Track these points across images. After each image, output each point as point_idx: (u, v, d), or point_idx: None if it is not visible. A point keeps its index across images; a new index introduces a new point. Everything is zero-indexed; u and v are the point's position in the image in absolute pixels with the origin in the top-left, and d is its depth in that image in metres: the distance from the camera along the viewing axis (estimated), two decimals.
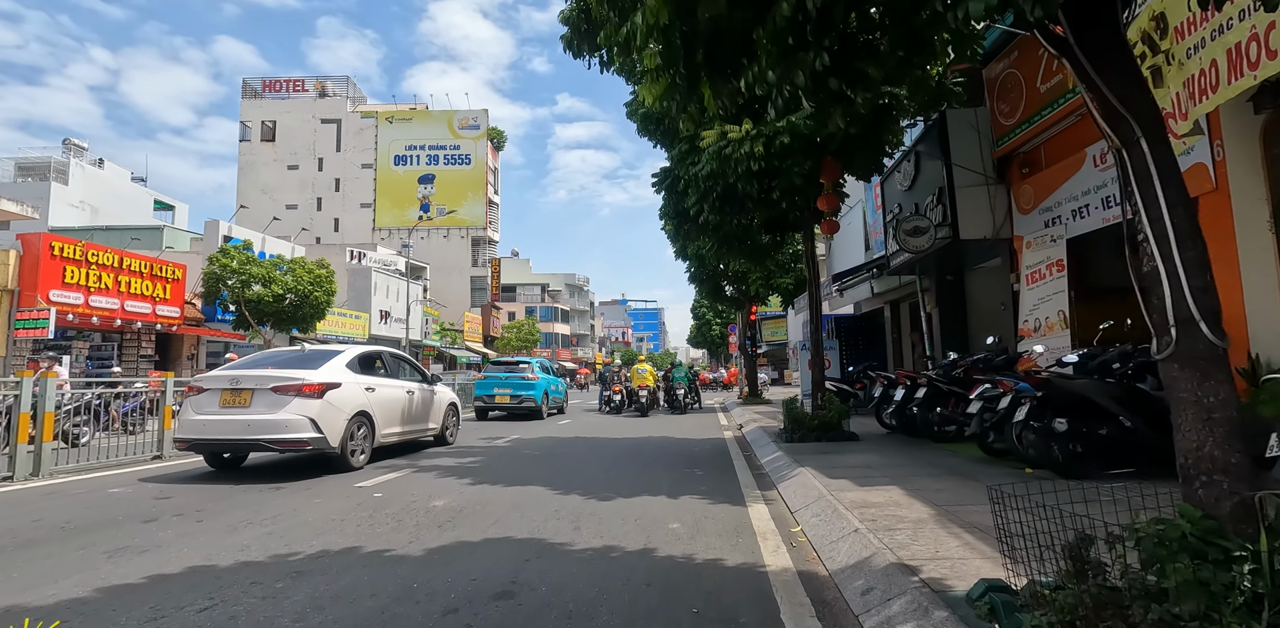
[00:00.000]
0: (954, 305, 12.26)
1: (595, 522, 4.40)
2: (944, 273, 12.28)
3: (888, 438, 8.53)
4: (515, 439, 10.54)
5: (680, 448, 9.11)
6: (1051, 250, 8.25)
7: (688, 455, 8.21)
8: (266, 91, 53.01)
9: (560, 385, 17.31)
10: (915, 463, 6.07)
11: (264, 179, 50.83)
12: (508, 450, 8.94)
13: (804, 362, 16.26)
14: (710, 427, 13.02)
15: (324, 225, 50.42)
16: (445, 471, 6.91)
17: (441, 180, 51.09)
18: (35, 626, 2.08)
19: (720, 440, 10.18)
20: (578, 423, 14.15)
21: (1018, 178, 9.07)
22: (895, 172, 11.57)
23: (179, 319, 21.38)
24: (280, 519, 4.54)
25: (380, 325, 33.69)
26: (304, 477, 6.65)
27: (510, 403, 14.84)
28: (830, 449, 7.37)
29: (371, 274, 33.21)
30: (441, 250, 50.15)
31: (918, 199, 10.50)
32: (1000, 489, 2.45)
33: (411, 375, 9.97)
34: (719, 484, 5.94)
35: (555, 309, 75.94)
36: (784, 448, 7.69)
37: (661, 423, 14.03)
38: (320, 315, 23.64)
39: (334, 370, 8.07)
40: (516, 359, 16.35)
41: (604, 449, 8.96)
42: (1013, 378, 5.76)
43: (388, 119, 51.82)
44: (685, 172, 7.49)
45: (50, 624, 2.06)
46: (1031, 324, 8.50)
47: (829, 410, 8.44)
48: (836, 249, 20.27)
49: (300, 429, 7.26)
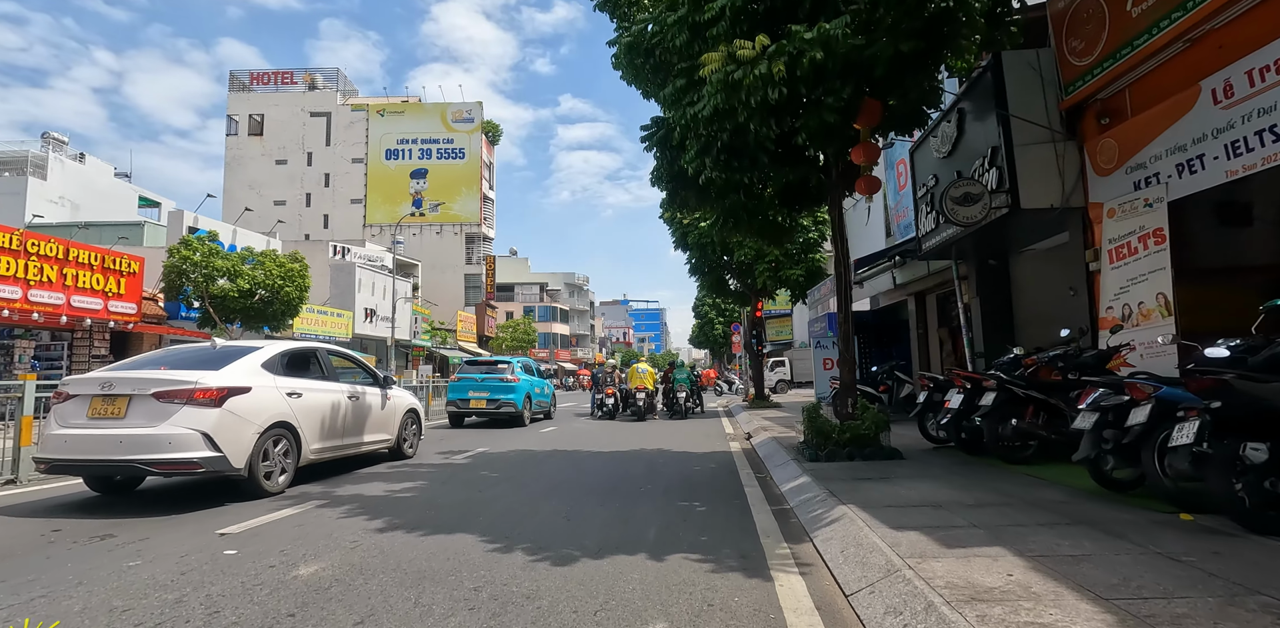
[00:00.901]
0: (997, 295, 10.52)
1: (528, 621, 2.67)
2: (986, 257, 10.54)
3: (939, 456, 6.77)
4: (480, 453, 8.81)
5: (677, 466, 7.38)
6: (1146, 218, 6.51)
7: (686, 478, 6.47)
8: (254, 84, 51.40)
9: (546, 388, 15.58)
10: (1004, 500, 4.32)
11: (251, 174, 49.21)
12: (462, 470, 7.22)
13: (818, 361, 14.51)
14: (714, 436, 11.28)
15: (313, 222, 48.78)
16: (362, 504, 5.19)
17: (434, 175, 49.42)
18: (35, 626, 1.70)
19: (726, 455, 8.44)
20: (564, 431, 12.43)
21: (1094, 131, 7.32)
22: (930, 136, 9.83)
23: (135, 316, 19.69)
24: (34, 606, 2.84)
25: (365, 324, 32.00)
26: (175, 510, 4.94)
27: (487, 408, 13.10)
28: (871, 473, 5.63)
29: (355, 270, 31.50)
30: (434, 247, 48.48)
31: (960, 166, 8.76)
32: None
33: (359, 378, 8.32)
34: (727, 531, 4.20)
35: (554, 309, 74.40)
36: (808, 469, 5.95)
37: (659, 430, 12.30)
38: (293, 312, 21.94)
39: (242, 372, 6.40)
40: (495, 359, 14.61)
41: (583, 468, 7.22)
42: (1152, 382, 4.02)
43: (379, 112, 50.17)
44: (681, 116, 5.77)
45: (50, 624, 1.61)
46: (1118, 311, 6.76)
47: (863, 421, 6.70)
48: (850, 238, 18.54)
49: (188, 447, 5.62)
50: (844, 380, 7.12)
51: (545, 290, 76.92)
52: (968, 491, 4.65)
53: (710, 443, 9.98)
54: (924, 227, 10.34)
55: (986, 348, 10.40)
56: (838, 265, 7.34)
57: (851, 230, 18.70)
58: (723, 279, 19.86)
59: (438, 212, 49.11)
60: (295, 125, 49.90)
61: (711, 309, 51.62)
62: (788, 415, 13.74)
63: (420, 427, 9.28)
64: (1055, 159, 7.54)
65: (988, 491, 4.63)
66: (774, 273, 17.50)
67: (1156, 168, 6.46)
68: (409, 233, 48.19)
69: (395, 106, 50.74)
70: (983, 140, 8.19)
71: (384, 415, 8.38)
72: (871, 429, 6.61)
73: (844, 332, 7.15)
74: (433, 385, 16.75)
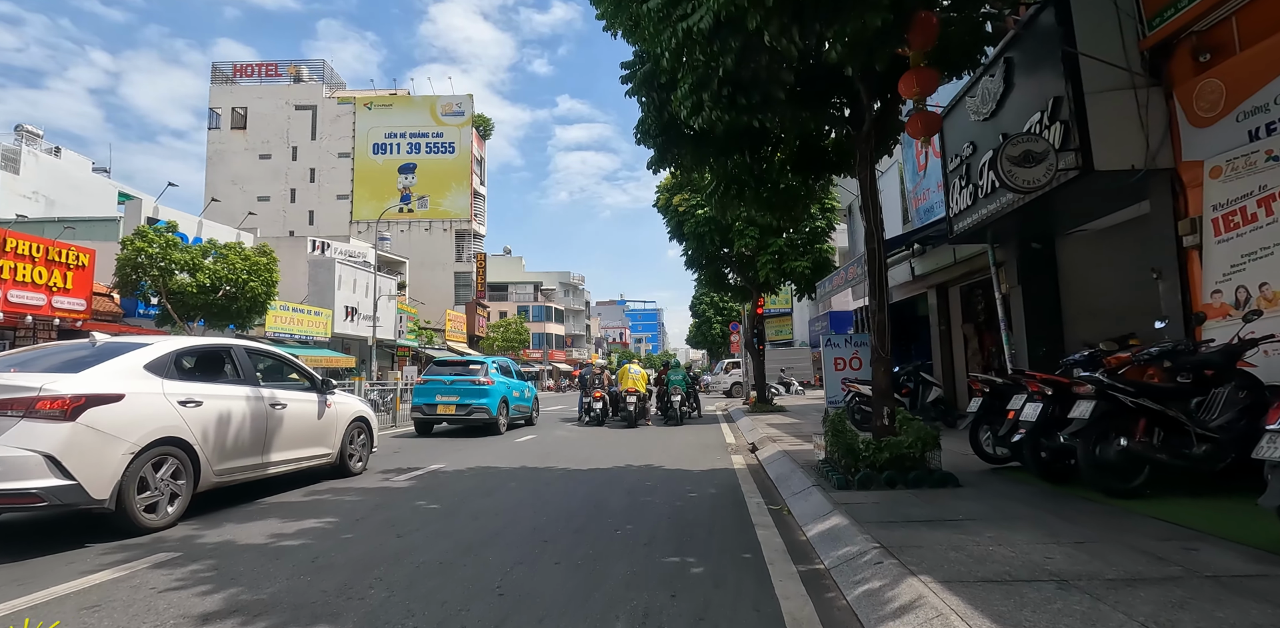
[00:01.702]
0: (1042, 284, 9.05)
1: None
2: (1028, 239, 9.09)
3: (1006, 482, 5.26)
4: (432, 472, 7.31)
5: (668, 492, 5.88)
6: (1268, 175, 5.06)
7: (677, 514, 4.97)
8: (238, 77, 49.80)
9: (527, 392, 14.07)
10: (1161, 570, 2.80)
11: (234, 169, 47.60)
12: (396, 499, 5.71)
13: (828, 361, 13.05)
14: (713, 447, 9.79)
15: (298, 218, 47.18)
16: (218, 562, 3.68)
17: (423, 170, 47.87)
18: (35, 626, 1.61)
19: (728, 474, 6.95)
20: (542, 440, 10.93)
21: (1188, 72, 5.85)
22: (967, 97, 8.36)
23: (85, 313, 18.14)
24: None
25: (346, 323, 30.44)
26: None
27: (457, 414, 11.58)
28: (926, 510, 4.16)
29: (335, 266, 29.93)
30: (423, 244, 46.91)
31: (1008, 127, 7.28)
32: None
33: (288, 382, 6.92)
34: (737, 623, 2.73)
35: (549, 309, 72.98)
36: (838, 502, 4.47)
37: (650, 439, 10.80)
38: (260, 309, 20.39)
39: (112, 375, 4.99)
40: (467, 359, 13.08)
41: (546, 498, 5.72)
42: None
43: (366, 105, 48.61)
44: (671, 36, 4.29)
45: (50, 624, 1.53)
46: (1229, 296, 5.30)
47: (905, 436, 5.23)
48: (858, 227, 17.07)
49: (23, 474, 4.33)
50: (878, 384, 5.63)
51: (540, 290, 75.47)
52: (1091, 550, 3.15)
53: (709, 457, 8.49)
54: (956, 205, 8.87)
55: (1029, 344, 8.96)
56: (869, 241, 5.85)
57: (857, 221, 17.25)
58: (722, 273, 18.40)
59: (427, 207, 47.63)
60: (280, 119, 48.32)
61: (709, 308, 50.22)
62: (795, 422, 12.28)
63: (372, 438, 7.83)
64: (1136, 109, 6.06)
65: (1121, 549, 3.14)
66: (777, 265, 16.02)
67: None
68: (397, 229, 46.69)
69: (383, 99, 49.18)
70: (1039, 92, 6.71)
71: (321, 426, 6.95)
72: (916, 447, 5.13)
73: (878, 324, 5.66)
74: (413, 387, 15.25)
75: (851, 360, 12.91)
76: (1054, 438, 4.63)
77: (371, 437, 7.86)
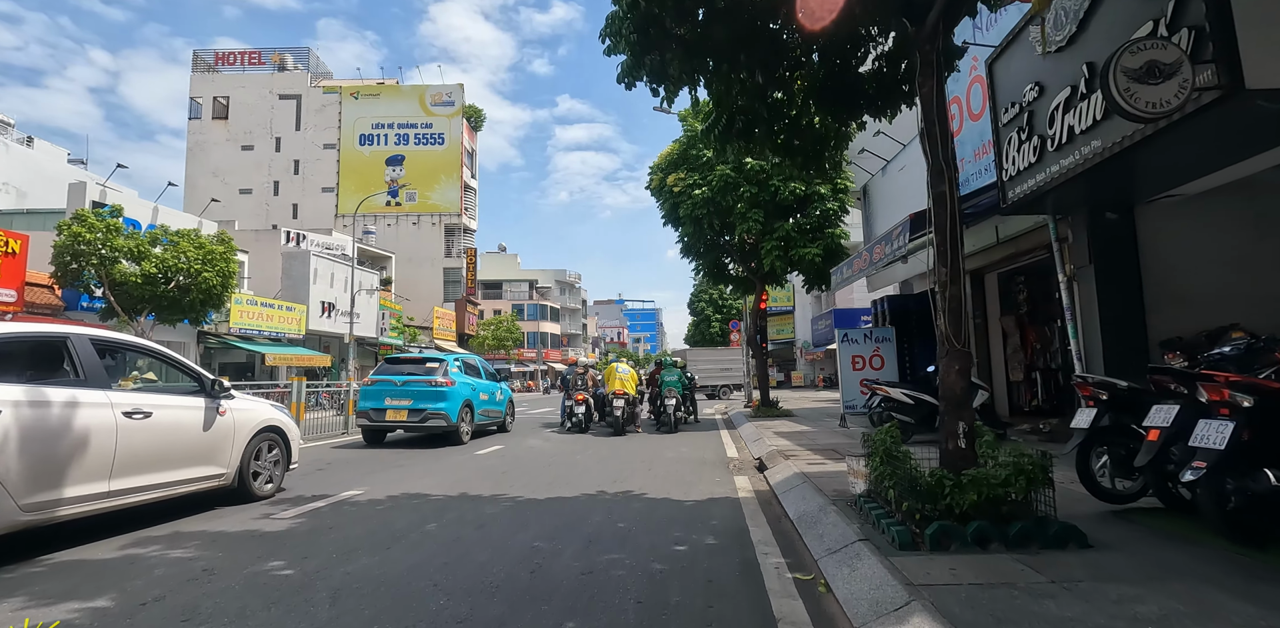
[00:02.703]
0: (1117, 263, 7.33)
1: None
2: (1101, 208, 7.36)
3: (1164, 541, 3.43)
4: (341, 501, 5.54)
5: (644, 544, 4.12)
6: None
7: (651, 594, 3.19)
8: (220, 65, 48.01)
9: (499, 393, 12.30)
10: None
11: (215, 161, 45.81)
12: (246, 553, 3.92)
13: (845, 359, 11.31)
14: (711, 464, 8.03)
15: (282, 211, 45.37)
16: None
17: (412, 162, 46.09)
18: (35, 626, 1.51)
19: (732, 509, 5.18)
20: (508, 452, 9.17)
21: None
22: (1030, 25, 6.61)
23: (15, 305, 16.36)
24: None
25: (322, 319, 28.67)
26: None
27: (409, 420, 9.80)
28: (1071, 604, 2.43)
29: (311, 259, 28.13)
30: (411, 239, 45.14)
31: (1094, 55, 5.52)
32: None
33: (171, 385, 5.36)
34: None
35: (544, 307, 71.40)
36: (907, 573, 2.74)
37: (635, 451, 9.06)
38: (215, 302, 18.61)
39: None
40: (424, 356, 11.28)
41: (469, 550, 3.95)
42: None
43: (353, 94, 46.82)
44: None
45: (50, 624, 1.42)
46: None
47: (999, 469, 3.49)
48: (878, 206, 15.30)
49: None
50: (951, 390, 3.85)
51: (535, 288, 73.89)
52: None
53: (705, 478, 6.74)
54: (1013, 165, 7.12)
55: (1103, 338, 7.25)
56: (937, 182, 4.06)
57: (881, 197, 15.45)
58: (721, 263, 16.63)
59: (415, 200, 45.87)
60: (263, 109, 46.52)
61: (708, 305, 48.51)
62: (807, 430, 10.53)
63: (289, 451, 6.17)
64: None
65: None
66: (784, 253, 14.26)
67: None
68: (384, 223, 44.95)
69: (370, 89, 47.39)
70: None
71: (209, 440, 5.32)
72: (1018, 485, 3.39)
73: (952, 302, 3.88)
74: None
75: (872, 359, 11.17)
76: (1255, 477, 2.89)
77: (288, 450, 6.18)
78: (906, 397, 8.11)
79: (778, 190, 13.83)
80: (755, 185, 13.96)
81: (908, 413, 8.04)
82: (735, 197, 14.17)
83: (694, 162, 14.89)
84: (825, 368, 42.19)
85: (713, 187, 14.09)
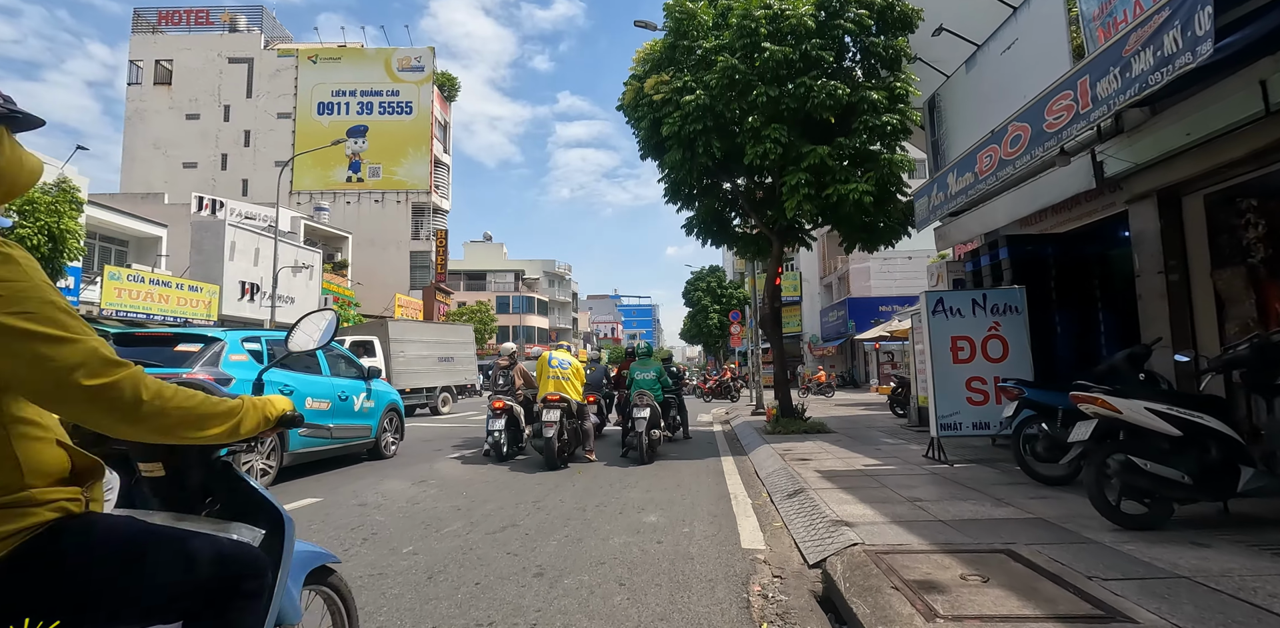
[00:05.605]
0: None
1: None
2: None
3: None
4: None
5: None
6: None
7: None
8: (164, 25, 43.10)
9: (363, 398, 7.55)
10: None
11: (155, 131, 40.94)
12: None
13: (941, 343, 6.62)
14: (707, 581, 3.32)
15: (230, 187, 40.48)
16: None
17: (376, 133, 41.25)
18: (35, 625, 1.36)
19: None
20: (299, 521, 4.55)
21: None
22: None
23: None
24: None
25: (243, 303, 23.94)
26: None
27: None
28: None
29: (226, 230, 23.37)
30: (374, 219, 40.35)
31: None
32: None
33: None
34: None
35: (531, 299, 66.76)
36: None
37: (548, 530, 4.39)
38: (49, 270, 13.90)
39: None
40: (174, 331, 6.41)
41: None
42: None
43: (310, 58, 41.94)
44: None
45: (50, 624, 1.28)
46: None
47: None
48: (955, 122, 10.43)
49: None
50: None
51: (521, 279, 69.28)
52: None
53: None
54: None
55: None
56: None
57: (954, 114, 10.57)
58: (721, 214, 11.88)
59: (379, 176, 41.08)
60: (210, 73, 41.63)
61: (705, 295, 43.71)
62: (876, 466, 5.83)
63: None
64: None
65: None
66: (816, 192, 9.53)
67: None
68: (343, 201, 40.17)
69: (330, 52, 42.52)
70: None
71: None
72: None
73: None
74: None
75: (987, 342, 6.49)
76: None
77: None
78: (1165, 421, 3.42)
79: (810, 93, 9.12)
80: (775, 85, 9.26)
81: (1168, 459, 3.37)
82: (745, 104, 9.46)
83: (685, 60, 10.19)
84: (836, 366, 37.47)
85: (712, 89, 9.38)
